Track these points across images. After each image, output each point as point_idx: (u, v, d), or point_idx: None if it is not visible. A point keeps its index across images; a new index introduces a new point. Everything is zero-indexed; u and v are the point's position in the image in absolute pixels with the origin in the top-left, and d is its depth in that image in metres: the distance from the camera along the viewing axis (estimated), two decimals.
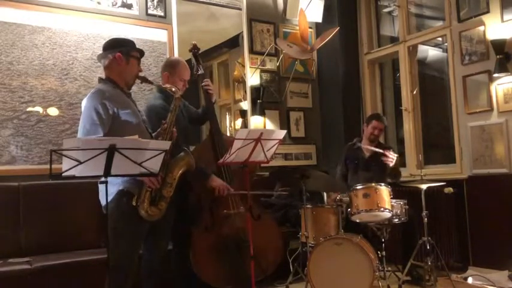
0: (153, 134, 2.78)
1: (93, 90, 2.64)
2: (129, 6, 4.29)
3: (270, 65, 5.19)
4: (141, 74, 2.86)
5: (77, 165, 2.11)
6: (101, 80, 2.77)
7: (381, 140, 5.15)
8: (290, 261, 3.95)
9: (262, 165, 3.78)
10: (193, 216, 3.51)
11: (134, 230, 2.61)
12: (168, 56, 4.36)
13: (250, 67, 5.03)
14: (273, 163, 3.90)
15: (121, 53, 2.72)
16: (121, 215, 2.54)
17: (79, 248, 3.47)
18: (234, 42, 5.16)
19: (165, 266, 3.10)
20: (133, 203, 2.53)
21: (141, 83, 3.10)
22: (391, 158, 3.83)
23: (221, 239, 3.40)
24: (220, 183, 3.36)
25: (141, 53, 2.85)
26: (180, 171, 2.75)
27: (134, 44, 2.86)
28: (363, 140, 4.22)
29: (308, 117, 5.38)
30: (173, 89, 2.85)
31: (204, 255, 3.35)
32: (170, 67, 3.37)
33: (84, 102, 2.62)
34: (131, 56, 2.76)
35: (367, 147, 3.93)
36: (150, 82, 2.97)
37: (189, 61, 3.75)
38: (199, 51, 3.71)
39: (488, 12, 4.10)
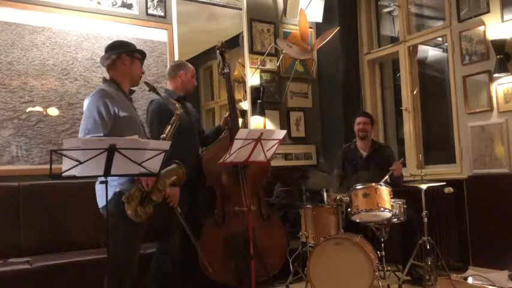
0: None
1: (96, 90, 2.63)
2: (129, 6, 4.29)
3: (270, 65, 5.19)
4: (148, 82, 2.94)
5: (77, 165, 2.11)
6: (105, 80, 2.77)
7: (381, 140, 5.18)
8: (290, 261, 3.95)
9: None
10: (204, 210, 3.54)
11: (133, 230, 2.61)
12: (167, 56, 4.38)
13: (250, 67, 5.03)
14: (273, 163, 3.91)
15: (125, 53, 2.73)
16: (120, 215, 2.54)
17: (79, 248, 3.46)
18: (234, 42, 5.16)
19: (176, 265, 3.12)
20: (124, 200, 2.52)
21: (149, 90, 3.12)
22: (398, 167, 3.86)
23: (230, 235, 3.42)
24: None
25: (143, 55, 2.86)
26: (170, 181, 2.75)
27: (135, 46, 2.89)
28: (357, 140, 4.24)
29: (308, 117, 5.38)
30: (176, 105, 2.92)
31: (211, 251, 3.36)
32: (183, 66, 3.63)
33: (86, 102, 2.61)
34: (134, 57, 2.78)
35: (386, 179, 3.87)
36: (158, 93, 2.99)
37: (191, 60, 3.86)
38: (226, 51, 3.88)
39: (488, 12, 4.10)
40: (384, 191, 3.53)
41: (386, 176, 3.78)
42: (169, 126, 2.83)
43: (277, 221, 3.79)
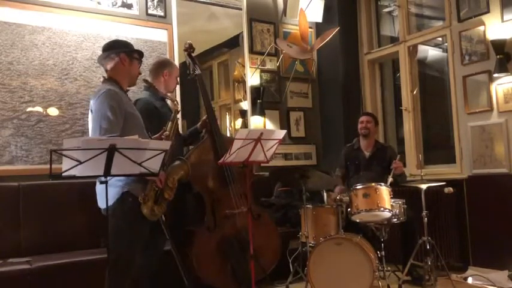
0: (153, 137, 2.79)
1: (104, 90, 2.60)
2: (129, 6, 4.29)
3: (270, 65, 5.19)
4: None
5: (77, 165, 2.11)
6: (105, 80, 2.76)
7: (381, 140, 5.18)
8: (290, 261, 3.95)
9: (262, 165, 3.80)
10: (194, 216, 3.51)
11: (137, 229, 2.62)
12: (167, 56, 4.37)
13: (250, 67, 5.03)
14: (273, 163, 3.91)
15: (124, 53, 2.73)
16: (125, 215, 2.55)
17: (79, 248, 3.46)
18: (234, 42, 5.17)
19: (163, 267, 3.10)
20: (140, 200, 2.55)
21: (146, 90, 3.13)
22: (399, 165, 3.89)
23: (224, 239, 3.41)
24: None
25: (141, 54, 2.86)
26: (178, 177, 2.79)
27: (133, 46, 2.89)
28: (360, 140, 4.25)
29: (308, 117, 5.38)
30: (175, 102, 2.97)
31: (206, 256, 3.36)
32: (169, 66, 3.50)
33: (94, 102, 2.58)
34: (133, 58, 2.78)
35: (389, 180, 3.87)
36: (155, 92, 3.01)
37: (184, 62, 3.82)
38: (194, 51, 3.76)
39: (488, 12, 4.09)
40: (384, 191, 3.53)
41: (390, 178, 3.78)
42: (171, 123, 2.84)
43: (268, 219, 3.77)
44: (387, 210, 3.48)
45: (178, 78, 3.58)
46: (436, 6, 4.93)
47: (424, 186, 3.52)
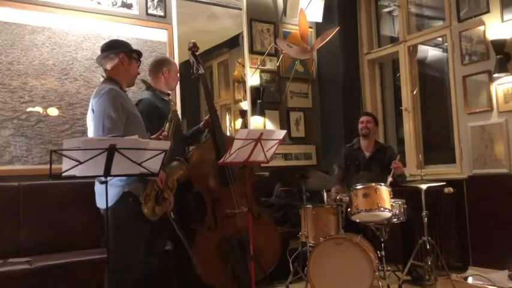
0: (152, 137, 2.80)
1: (107, 90, 2.60)
2: (129, 6, 4.29)
3: (270, 65, 5.19)
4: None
5: (77, 165, 2.11)
6: (106, 79, 2.76)
7: (381, 140, 5.18)
8: (290, 261, 3.95)
9: (262, 165, 3.79)
10: (194, 216, 3.51)
11: (137, 229, 2.62)
12: (168, 56, 4.37)
13: (250, 67, 5.03)
14: (273, 163, 3.91)
15: (124, 53, 2.73)
16: (126, 214, 2.55)
17: (79, 248, 3.46)
18: (234, 42, 5.16)
19: (163, 267, 3.11)
20: (142, 200, 2.55)
21: (146, 89, 3.13)
22: (399, 165, 3.89)
23: (224, 239, 3.41)
24: None
25: (139, 54, 2.87)
26: (177, 177, 2.81)
27: (131, 46, 2.90)
28: (360, 140, 4.25)
29: (308, 117, 5.38)
30: (172, 103, 3.00)
31: (206, 256, 3.35)
32: (167, 64, 3.49)
33: (96, 101, 2.58)
34: (132, 58, 2.79)
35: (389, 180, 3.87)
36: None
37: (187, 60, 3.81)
38: (198, 50, 3.76)
39: (488, 12, 4.10)
40: (384, 190, 3.53)
41: (390, 178, 3.78)
42: (168, 123, 2.84)
43: (268, 219, 3.78)
44: (387, 210, 3.49)
45: (178, 74, 3.58)
46: (436, 6, 4.93)
47: (424, 186, 3.52)
